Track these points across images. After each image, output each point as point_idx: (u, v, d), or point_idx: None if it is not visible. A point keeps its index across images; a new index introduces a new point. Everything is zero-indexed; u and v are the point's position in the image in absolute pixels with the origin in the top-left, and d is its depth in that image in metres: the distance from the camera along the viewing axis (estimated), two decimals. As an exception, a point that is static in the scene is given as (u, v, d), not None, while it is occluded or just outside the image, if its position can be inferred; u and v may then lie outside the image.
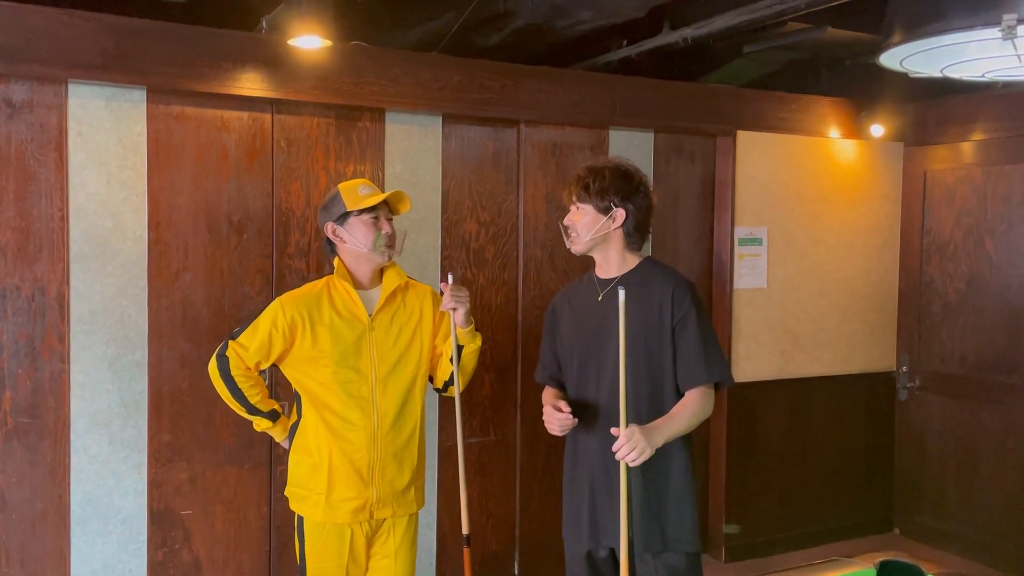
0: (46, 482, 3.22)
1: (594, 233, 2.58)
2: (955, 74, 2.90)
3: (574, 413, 2.56)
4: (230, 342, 2.70)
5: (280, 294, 3.49)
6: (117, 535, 3.33)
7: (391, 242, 2.68)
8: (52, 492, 3.23)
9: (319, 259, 3.60)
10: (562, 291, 2.83)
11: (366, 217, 2.65)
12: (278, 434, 2.86)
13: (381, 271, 2.75)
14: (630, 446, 2.34)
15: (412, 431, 2.75)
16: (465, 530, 2.84)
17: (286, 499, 3.54)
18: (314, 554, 2.70)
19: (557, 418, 2.53)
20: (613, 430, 2.40)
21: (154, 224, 3.34)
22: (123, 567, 3.34)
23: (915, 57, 2.69)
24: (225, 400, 2.76)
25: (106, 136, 3.26)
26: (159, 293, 3.36)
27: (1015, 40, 2.32)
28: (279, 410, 2.86)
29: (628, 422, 2.42)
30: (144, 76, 3.23)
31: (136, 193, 3.31)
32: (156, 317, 3.36)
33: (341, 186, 2.74)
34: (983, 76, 2.87)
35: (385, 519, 2.72)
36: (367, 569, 2.77)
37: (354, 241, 2.66)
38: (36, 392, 3.19)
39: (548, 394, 2.76)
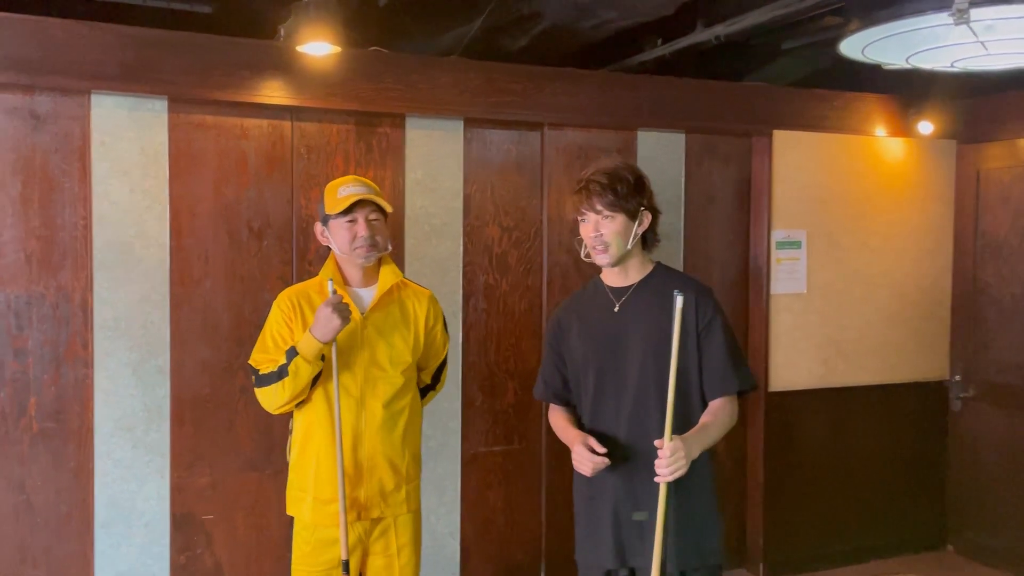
0: (71, 486, 3.28)
1: (631, 241, 2.46)
2: (922, 64, 2.74)
3: (590, 431, 2.48)
4: (251, 363, 2.65)
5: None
6: (140, 539, 3.38)
7: (367, 245, 2.59)
8: (76, 496, 3.29)
9: (339, 265, 3.59)
10: (565, 303, 2.72)
11: (342, 220, 2.59)
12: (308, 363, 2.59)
13: (378, 269, 2.69)
14: (671, 461, 2.25)
15: (403, 431, 2.68)
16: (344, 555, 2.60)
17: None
18: (299, 558, 2.67)
19: (593, 461, 2.38)
20: (657, 442, 2.30)
21: (176, 231, 3.38)
22: (146, 571, 3.38)
23: (877, 45, 2.54)
24: (278, 394, 2.58)
25: (128, 145, 3.31)
26: (181, 300, 3.40)
27: (970, 24, 2.16)
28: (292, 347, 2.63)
29: (644, 434, 2.35)
30: (164, 86, 3.28)
31: (158, 201, 3.36)
32: (178, 323, 3.39)
33: (328, 185, 2.69)
34: (952, 66, 2.70)
35: (381, 519, 2.66)
36: (365, 569, 2.70)
37: (334, 244, 2.64)
38: (61, 397, 3.26)
39: (561, 420, 2.62)
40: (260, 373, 2.61)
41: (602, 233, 2.44)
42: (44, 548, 3.25)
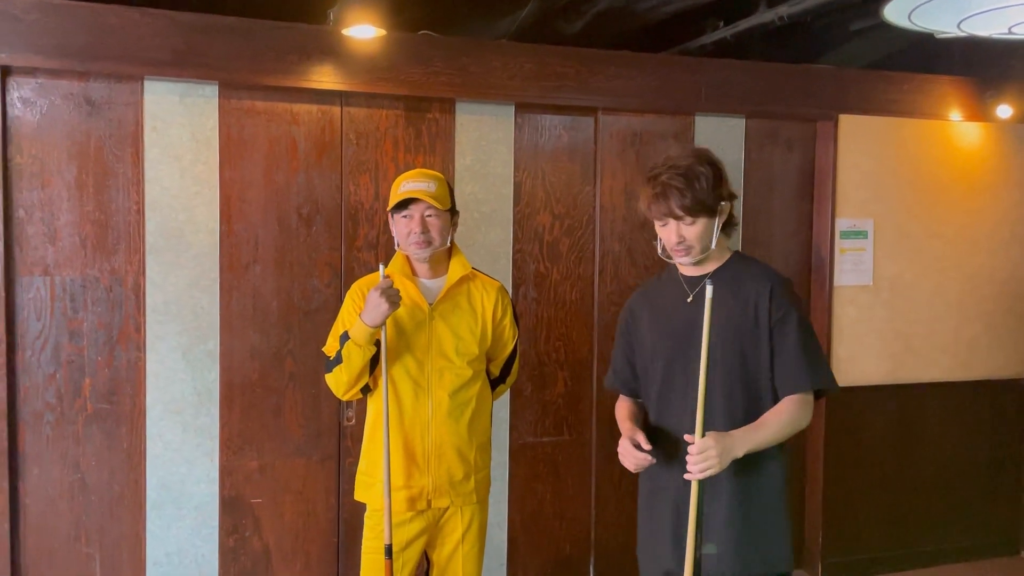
0: (123, 467, 3.34)
1: (714, 240, 2.34)
2: (976, 30, 2.50)
3: (656, 425, 2.39)
4: (323, 350, 2.72)
5: (348, 287, 3.50)
6: (190, 520, 3.42)
7: (419, 241, 2.60)
8: (129, 476, 3.35)
9: (388, 252, 3.56)
10: (638, 291, 2.60)
11: (399, 215, 2.63)
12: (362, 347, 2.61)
13: (448, 260, 2.71)
14: (700, 459, 2.13)
15: (470, 420, 2.69)
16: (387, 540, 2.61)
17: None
18: (370, 539, 2.71)
19: (636, 457, 2.30)
20: (687, 437, 2.18)
21: (226, 217, 3.40)
22: (196, 551, 3.42)
23: (924, 9, 2.33)
24: (340, 379, 2.63)
25: (180, 131, 3.33)
26: (230, 285, 3.41)
27: None
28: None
29: (704, 430, 2.19)
30: (215, 71, 3.28)
31: (208, 187, 3.38)
32: (227, 308, 3.41)
33: (396, 178, 2.73)
34: (1009, 32, 2.47)
35: (447, 508, 2.69)
36: (431, 556, 2.76)
37: (394, 237, 2.69)
38: (114, 379, 3.31)
39: (623, 411, 2.53)
40: (328, 359, 2.68)
41: (685, 238, 2.32)
42: (98, 527, 3.31)
